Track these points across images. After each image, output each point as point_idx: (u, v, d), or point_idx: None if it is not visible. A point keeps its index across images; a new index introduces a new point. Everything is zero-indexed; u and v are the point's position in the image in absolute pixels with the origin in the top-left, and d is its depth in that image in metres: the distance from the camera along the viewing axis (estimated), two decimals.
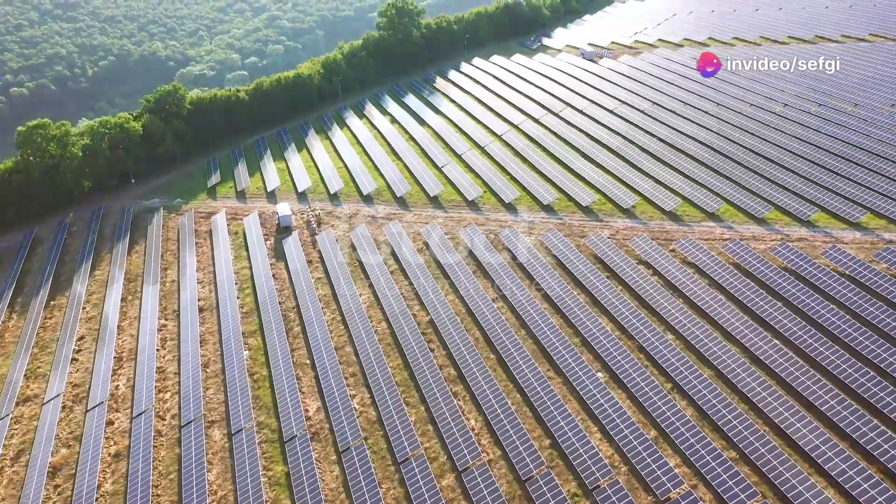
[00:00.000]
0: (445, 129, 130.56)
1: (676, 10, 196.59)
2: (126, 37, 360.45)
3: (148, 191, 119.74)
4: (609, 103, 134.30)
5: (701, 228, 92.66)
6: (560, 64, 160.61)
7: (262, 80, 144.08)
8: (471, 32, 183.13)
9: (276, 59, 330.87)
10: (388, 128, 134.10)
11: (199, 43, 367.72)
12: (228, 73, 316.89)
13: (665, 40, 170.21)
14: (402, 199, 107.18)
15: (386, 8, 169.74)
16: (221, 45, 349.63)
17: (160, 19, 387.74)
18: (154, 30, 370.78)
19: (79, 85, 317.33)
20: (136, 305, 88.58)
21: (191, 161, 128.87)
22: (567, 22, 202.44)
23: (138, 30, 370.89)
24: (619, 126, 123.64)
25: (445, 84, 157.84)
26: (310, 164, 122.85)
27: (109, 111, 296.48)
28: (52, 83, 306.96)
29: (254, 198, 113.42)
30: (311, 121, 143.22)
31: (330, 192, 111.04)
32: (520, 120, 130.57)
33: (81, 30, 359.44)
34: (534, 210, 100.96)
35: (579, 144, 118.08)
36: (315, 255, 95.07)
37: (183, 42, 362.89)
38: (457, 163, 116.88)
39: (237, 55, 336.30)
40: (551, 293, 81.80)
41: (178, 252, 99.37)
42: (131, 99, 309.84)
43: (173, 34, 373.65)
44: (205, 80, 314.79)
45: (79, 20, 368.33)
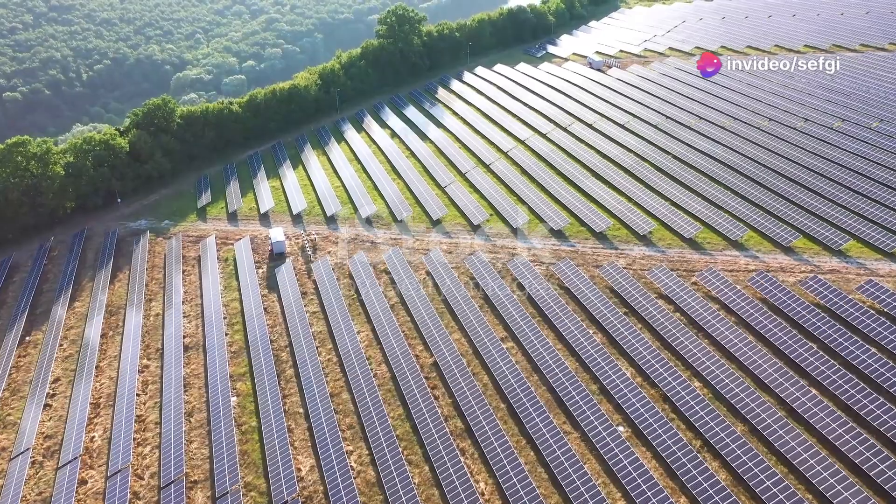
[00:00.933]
0: (448, 144, 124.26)
1: (685, 16, 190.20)
2: (122, 40, 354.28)
3: (135, 211, 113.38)
4: (620, 117, 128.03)
5: (724, 258, 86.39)
6: (567, 74, 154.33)
7: (256, 92, 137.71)
8: (473, 40, 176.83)
9: (273, 63, 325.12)
10: (388, 142, 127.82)
11: (195, 46, 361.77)
12: (226, 77, 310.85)
13: (676, 49, 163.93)
14: (404, 223, 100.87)
15: (386, 15, 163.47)
16: (219, 48, 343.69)
17: (156, 22, 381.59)
18: (150, 33, 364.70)
19: (73, 89, 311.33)
20: (118, 342, 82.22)
21: (181, 178, 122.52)
22: (572, 28, 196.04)
23: (134, 33, 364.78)
24: (632, 142, 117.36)
25: (448, 95, 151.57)
26: (305, 183, 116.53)
27: (105, 116, 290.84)
28: (46, 88, 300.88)
29: (246, 220, 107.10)
30: (307, 134, 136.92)
31: (326, 214, 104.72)
32: (526, 135, 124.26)
33: (76, 33, 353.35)
34: (544, 236, 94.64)
35: (590, 163, 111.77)
36: (310, 286, 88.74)
37: (180, 45, 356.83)
38: (461, 182, 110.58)
39: (234, 59, 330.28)
40: (565, 332, 75.52)
41: (164, 281, 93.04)
42: (127, 104, 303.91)
43: (170, 37, 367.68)
44: (201, 84, 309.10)
45: (74, 23, 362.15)
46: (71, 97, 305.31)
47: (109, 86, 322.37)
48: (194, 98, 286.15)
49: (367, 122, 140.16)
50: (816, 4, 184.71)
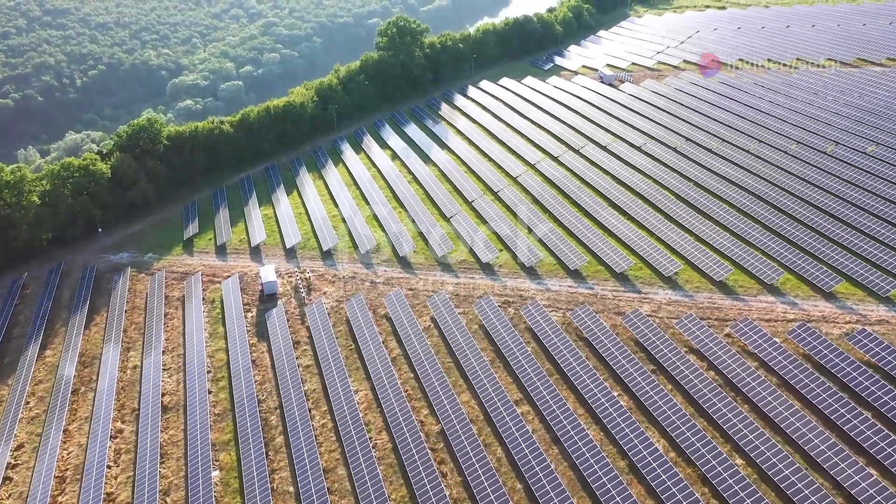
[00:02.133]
0: (453, 168, 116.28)
1: (699, 26, 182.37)
2: (117, 45, 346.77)
3: (116, 242, 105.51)
4: (635, 139, 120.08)
5: (759, 305, 78.41)
6: (577, 89, 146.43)
7: (248, 110, 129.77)
8: (477, 51, 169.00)
9: (271, 68, 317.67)
10: (389, 165, 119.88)
11: (192, 51, 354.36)
12: (222, 82, 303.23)
13: (691, 62, 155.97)
14: (406, 260, 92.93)
15: (386, 26, 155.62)
16: (216, 53, 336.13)
17: (152, 26, 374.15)
18: (146, 37, 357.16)
19: (67, 96, 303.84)
20: (90, 400, 74.31)
21: (167, 205, 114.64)
22: (580, 38, 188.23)
23: (130, 37, 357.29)
24: (650, 167, 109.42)
25: (451, 112, 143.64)
26: (300, 211, 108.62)
27: (99, 123, 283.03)
28: (38, 94, 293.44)
29: (236, 253, 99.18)
30: (302, 155, 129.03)
31: (322, 248, 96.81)
32: (536, 159, 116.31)
33: (71, 37, 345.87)
34: (559, 276, 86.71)
35: (606, 191, 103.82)
36: (303, 334, 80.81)
37: (176, 50, 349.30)
38: (467, 212, 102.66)
39: (231, 64, 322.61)
40: (586, 392, 67.59)
41: (144, 326, 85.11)
42: (122, 110, 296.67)
43: (166, 42, 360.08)
44: (198, 90, 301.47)
45: (68, 27, 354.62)
46: (64, 104, 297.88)
47: (104, 92, 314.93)
48: (190, 105, 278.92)
49: (366, 141, 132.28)
50: (835, 14, 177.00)
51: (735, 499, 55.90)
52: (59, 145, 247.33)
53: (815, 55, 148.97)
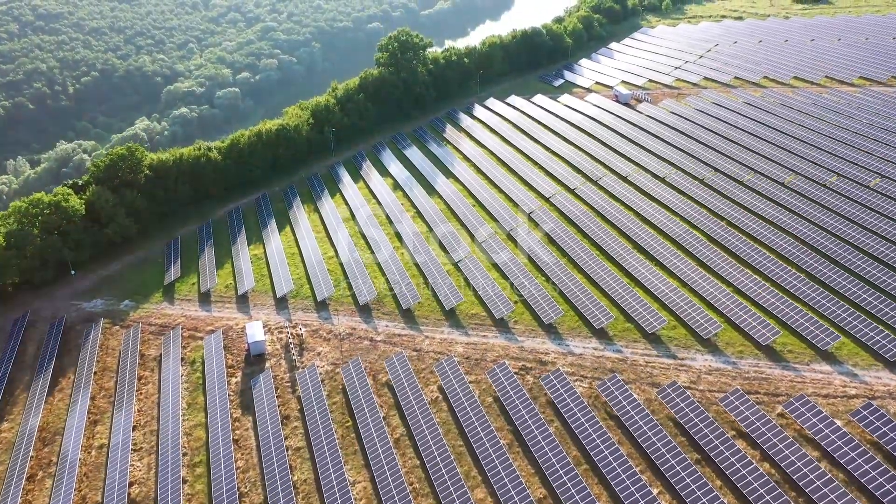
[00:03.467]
0: (460, 200, 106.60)
1: (716, 38, 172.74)
2: (111, 50, 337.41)
3: (91, 286, 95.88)
4: (658, 168, 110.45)
5: (813, 376, 68.75)
6: (591, 109, 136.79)
7: (238, 135, 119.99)
8: (484, 66, 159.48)
9: (269, 74, 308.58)
10: (390, 197, 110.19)
11: (188, 56, 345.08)
12: (219, 89, 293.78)
13: (712, 80, 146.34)
14: (410, 313, 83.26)
15: (387, 41, 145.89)
16: (212, 58, 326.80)
17: (148, 31, 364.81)
18: (141, 42, 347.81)
19: (59, 103, 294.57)
20: (46, 490, 64.62)
21: (148, 242, 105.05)
22: (592, 51, 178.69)
23: (124, 42, 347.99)
24: (677, 203, 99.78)
25: (457, 134, 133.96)
26: (293, 251, 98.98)
27: (91, 131, 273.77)
28: (30, 101, 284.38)
29: (221, 302, 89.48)
30: (296, 184, 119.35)
31: (317, 298, 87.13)
32: (551, 191, 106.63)
33: (64, 43, 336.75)
34: (583, 335, 77.04)
35: (630, 231, 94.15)
36: (294, 406, 71.16)
37: (171, 56, 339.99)
38: (476, 254, 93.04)
39: (228, 70, 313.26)
40: (621, 489, 57.93)
41: (115, 393, 75.45)
42: (115, 118, 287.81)
43: (161, 47, 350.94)
44: (193, 97, 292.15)
45: (61, 32, 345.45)
46: (56, 111, 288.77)
47: (97, 99, 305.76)
48: (185, 113, 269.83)
49: (365, 168, 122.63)
50: (861, 27, 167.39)
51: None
52: (49, 155, 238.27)
53: (845, 73, 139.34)
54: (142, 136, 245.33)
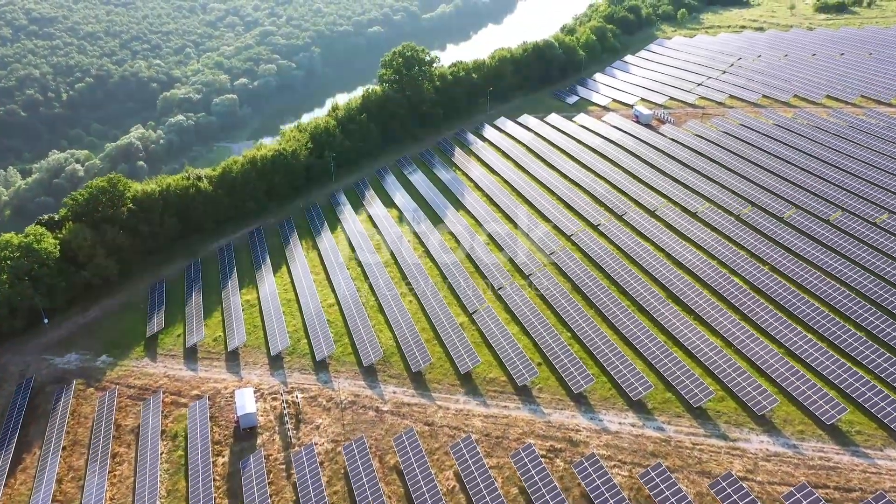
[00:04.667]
0: (472, 238, 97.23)
1: (738, 51, 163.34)
2: (106, 55, 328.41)
3: (66, 335, 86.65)
4: (688, 201, 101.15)
5: (890, 465, 59.53)
6: (610, 131, 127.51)
7: (231, 162, 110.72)
8: (493, 81, 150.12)
9: (268, 80, 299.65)
10: (395, 232, 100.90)
11: (185, 62, 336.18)
12: (216, 96, 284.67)
13: (739, 98, 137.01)
14: (421, 377, 73.97)
15: (391, 56, 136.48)
16: (209, 63, 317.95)
17: (144, 35, 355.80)
18: (137, 47, 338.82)
19: (52, 110, 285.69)
20: None
21: (131, 283, 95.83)
22: (606, 64, 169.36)
23: (120, 47, 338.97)
24: (712, 243, 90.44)
25: (466, 159, 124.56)
26: (289, 297, 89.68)
27: (85, 139, 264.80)
28: (22, 109, 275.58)
29: (209, 360, 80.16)
30: (294, 216, 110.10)
31: (316, 356, 77.79)
32: (573, 228, 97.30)
33: (58, 48, 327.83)
34: (618, 407, 67.77)
35: (663, 277, 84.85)
36: (289, 496, 61.92)
37: (168, 61, 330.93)
38: (494, 305, 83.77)
39: (226, 76, 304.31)
40: None
41: (84, 475, 66.16)
42: (109, 125, 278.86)
43: (158, 52, 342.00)
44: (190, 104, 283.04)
45: (55, 37, 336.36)
46: (49, 119, 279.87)
47: (91, 106, 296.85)
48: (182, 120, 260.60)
49: (368, 197, 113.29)
50: (891, 39, 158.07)
51: None
52: (41, 165, 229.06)
53: (882, 92, 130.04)
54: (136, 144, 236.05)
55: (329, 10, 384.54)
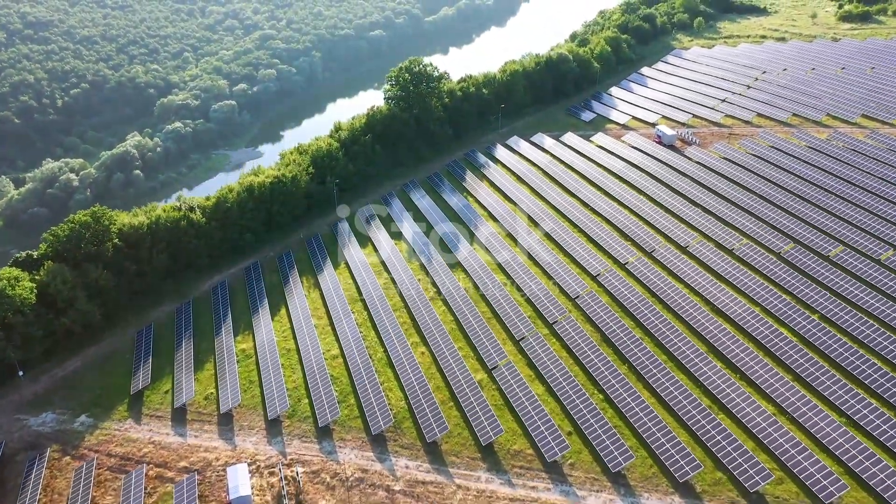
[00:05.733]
0: (489, 278, 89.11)
1: (762, 64, 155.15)
2: (102, 60, 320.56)
3: (42, 390, 78.65)
4: (724, 237, 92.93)
5: None
6: (632, 154, 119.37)
7: (226, 191, 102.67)
8: (505, 97, 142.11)
9: (267, 86, 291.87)
10: (404, 270, 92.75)
11: (183, 66, 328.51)
12: (214, 102, 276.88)
13: (767, 117, 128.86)
14: (436, 447, 65.90)
15: (397, 72, 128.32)
16: (208, 68, 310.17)
17: (141, 39, 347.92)
18: (134, 51, 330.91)
19: (47, 117, 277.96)
20: None
21: (115, 329, 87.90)
22: (621, 76, 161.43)
23: (117, 52, 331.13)
24: (754, 287, 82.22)
25: (477, 183, 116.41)
26: (289, 346, 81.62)
27: (80, 147, 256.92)
28: (15, 116, 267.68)
29: (199, 422, 72.10)
30: (293, 249, 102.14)
31: (318, 422, 69.70)
32: (598, 267, 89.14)
33: (53, 52, 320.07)
34: (662, 490, 59.66)
35: (702, 326, 76.72)
36: None
37: (166, 65, 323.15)
38: (515, 359, 75.69)
39: (225, 82, 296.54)
40: None
41: None
42: (105, 132, 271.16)
43: (155, 56, 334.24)
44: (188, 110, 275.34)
45: (51, 41, 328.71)
46: (44, 126, 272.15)
47: (86, 112, 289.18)
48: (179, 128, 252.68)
49: (373, 227, 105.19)
50: None
51: None
52: (35, 174, 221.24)
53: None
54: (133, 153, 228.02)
55: (330, 14, 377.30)
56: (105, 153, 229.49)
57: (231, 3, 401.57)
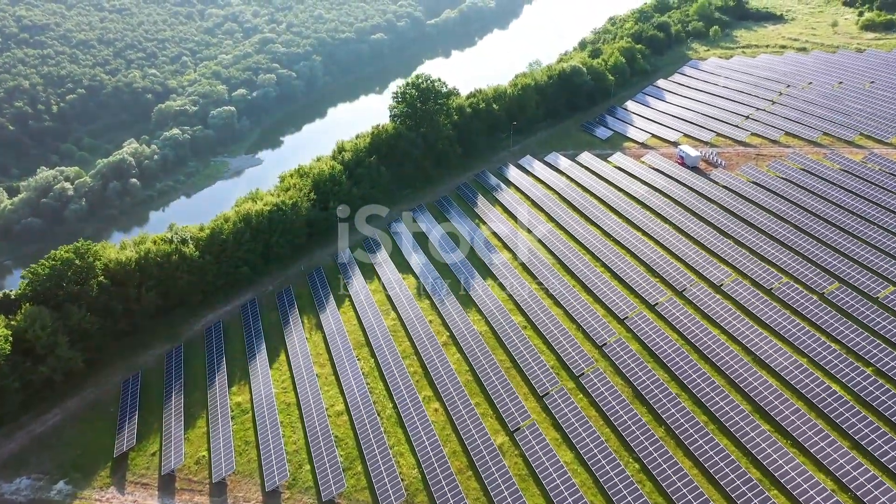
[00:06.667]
0: (506, 320, 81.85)
1: (784, 76, 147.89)
2: (99, 65, 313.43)
3: (17, 450, 71.66)
4: (761, 273, 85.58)
5: None
6: (653, 177, 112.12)
7: (220, 221, 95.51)
8: (516, 113, 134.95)
9: (267, 91, 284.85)
10: (413, 309, 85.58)
11: (181, 71, 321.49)
12: (213, 108, 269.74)
13: (796, 136, 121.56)
14: None
15: (404, 88, 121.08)
16: (206, 73, 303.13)
17: (139, 43, 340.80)
18: (132, 56, 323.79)
19: (41, 123, 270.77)
20: None
21: (100, 376, 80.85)
22: (636, 88, 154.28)
23: (114, 56, 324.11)
24: (797, 334, 74.97)
25: (489, 209, 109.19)
26: (289, 399, 74.53)
27: (76, 154, 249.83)
28: (10, 122, 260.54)
29: (190, 490, 65.03)
30: (294, 283, 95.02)
31: (322, 494, 62.53)
32: (626, 309, 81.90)
33: (49, 57, 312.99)
34: None
35: (745, 381, 69.51)
36: None
37: (164, 70, 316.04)
38: (539, 419, 68.52)
39: (223, 87, 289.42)
40: None
41: None
42: (101, 139, 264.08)
43: (153, 61, 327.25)
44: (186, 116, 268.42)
45: (47, 45, 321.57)
46: (38, 132, 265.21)
47: (82, 118, 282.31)
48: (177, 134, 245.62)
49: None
50: None
51: None
52: (29, 183, 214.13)
53: None
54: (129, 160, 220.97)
55: (330, 17, 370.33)
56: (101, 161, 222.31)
57: (230, 6, 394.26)
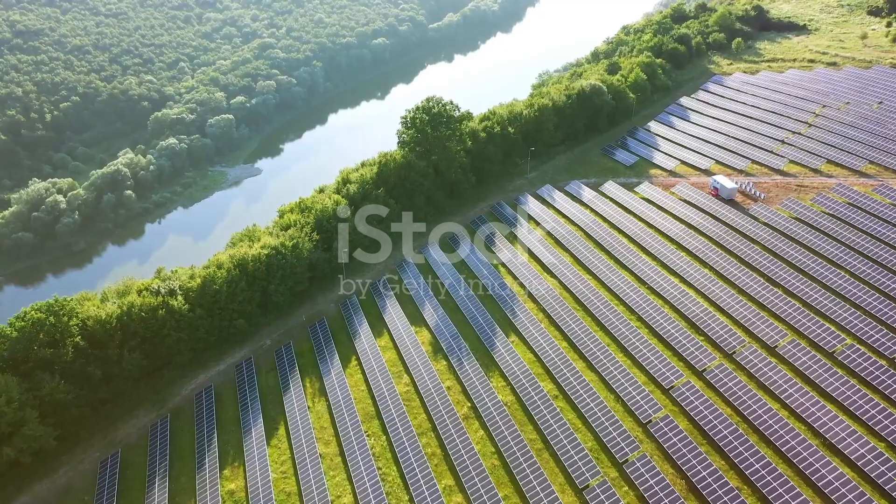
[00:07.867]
0: (534, 389, 72.42)
1: (817, 95, 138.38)
2: (94, 71, 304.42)
3: None
4: (820, 333, 76.03)
5: None
6: (687, 212, 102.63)
7: (213, 265, 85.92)
8: (533, 134, 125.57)
9: (266, 98, 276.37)
10: (428, 371, 76.21)
11: (179, 77, 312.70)
12: (211, 116, 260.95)
13: (839, 164, 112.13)
14: None
15: (413, 113, 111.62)
16: (204, 79, 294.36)
17: (136, 48, 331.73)
18: (128, 62, 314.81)
19: (34, 132, 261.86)
20: None
21: (74, 454, 71.37)
22: (657, 106, 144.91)
23: (109, 62, 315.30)
24: (873, 413, 65.48)
25: (508, 247, 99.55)
26: (289, 488, 65.09)
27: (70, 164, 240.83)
28: (2, 132, 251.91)
29: None
30: (294, 339, 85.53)
31: None
32: (670, 377, 72.39)
33: (43, 63, 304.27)
34: None
35: (815, 471, 60.05)
36: None
37: (161, 76, 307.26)
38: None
39: (222, 94, 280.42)
40: None
41: None
42: (96, 148, 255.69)
43: (150, 66, 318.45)
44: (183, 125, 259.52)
45: (41, 51, 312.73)
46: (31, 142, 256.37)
47: (77, 127, 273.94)
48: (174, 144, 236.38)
49: (388, 308, 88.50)
50: None
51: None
52: (20, 195, 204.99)
53: None
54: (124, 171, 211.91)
55: (331, 21, 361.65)
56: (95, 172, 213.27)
57: (229, 10, 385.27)
